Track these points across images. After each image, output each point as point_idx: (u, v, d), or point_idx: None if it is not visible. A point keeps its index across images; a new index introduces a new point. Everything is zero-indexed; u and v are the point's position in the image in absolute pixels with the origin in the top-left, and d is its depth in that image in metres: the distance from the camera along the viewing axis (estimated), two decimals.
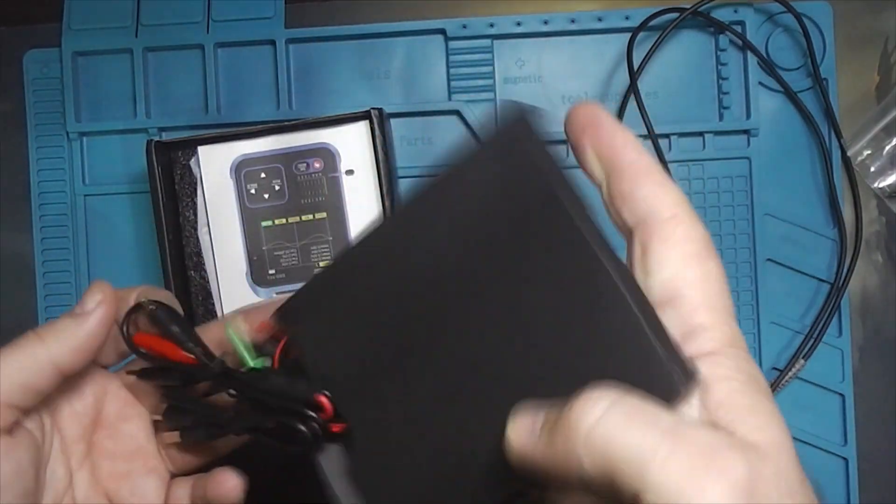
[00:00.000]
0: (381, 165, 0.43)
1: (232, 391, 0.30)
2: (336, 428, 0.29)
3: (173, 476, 0.33)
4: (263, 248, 0.45)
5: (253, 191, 0.44)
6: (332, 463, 0.31)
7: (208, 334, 0.32)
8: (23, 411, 0.29)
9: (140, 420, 0.33)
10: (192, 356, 0.30)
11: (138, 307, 0.31)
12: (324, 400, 0.29)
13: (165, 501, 0.33)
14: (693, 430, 0.23)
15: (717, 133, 0.48)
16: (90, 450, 0.32)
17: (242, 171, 0.45)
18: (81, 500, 0.31)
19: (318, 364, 0.30)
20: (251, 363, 0.30)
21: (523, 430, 0.25)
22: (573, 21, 0.48)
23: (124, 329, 0.31)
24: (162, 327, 0.31)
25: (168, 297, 0.33)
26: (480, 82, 0.49)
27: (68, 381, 0.31)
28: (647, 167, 0.26)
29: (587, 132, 0.27)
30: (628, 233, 0.27)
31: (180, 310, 0.32)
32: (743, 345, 0.25)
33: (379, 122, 0.43)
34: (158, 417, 0.33)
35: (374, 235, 0.30)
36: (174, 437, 0.33)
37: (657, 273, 0.26)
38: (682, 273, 0.26)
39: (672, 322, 0.25)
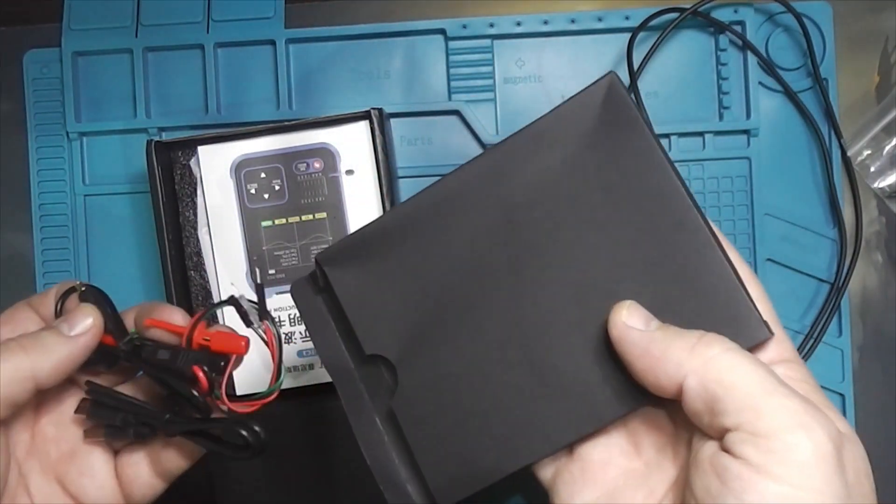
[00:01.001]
0: (381, 165, 0.43)
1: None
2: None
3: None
4: (263, 248, 0.45)
5: (253, 191, 0.44)
6: (362, 423, 0.31)
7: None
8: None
9: (77, 400, 0.33)
10: (110, 336, 0.32)
11: (71, 290, 0.32)
12: (198, 372, 0.30)
13: (116, 473, 0.33)
14: (801, 392, 0.25)
15: (717, 133, 0.48)
16: (34, 438, 0.32)
17: (242, 171, 0.45)
18: (35, 490, 0.31)
19: (358, 309, 0.31)
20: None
21: (638, 317, 0.28)
22: (573, 21, 0.48)
23: (57, 308, 0.32)
24: None
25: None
26: (480, 82, 0.49)
27: None
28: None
29: None
30: None
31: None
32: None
33: (379, 122, 0.43)
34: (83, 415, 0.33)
35: (456, 175, 0.31)
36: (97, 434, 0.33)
37: None
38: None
39: None
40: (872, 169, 0.48)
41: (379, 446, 0.31)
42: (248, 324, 0.32)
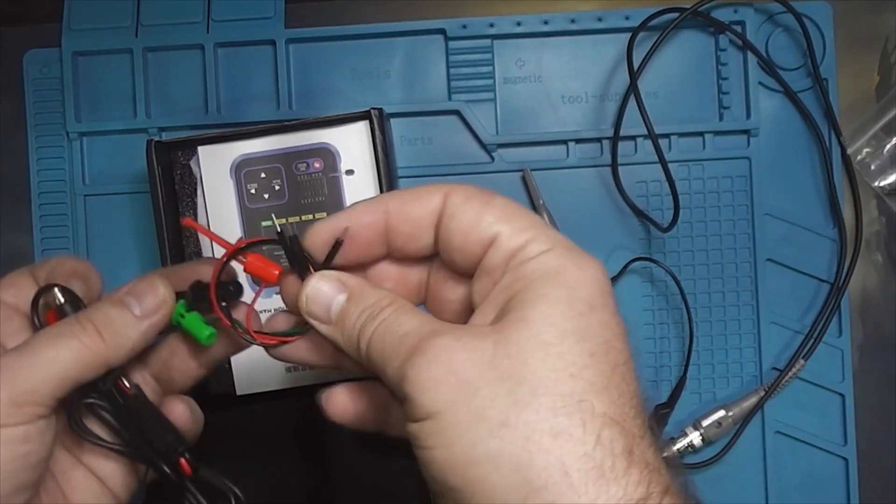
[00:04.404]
0: (381, 165, 0.43)
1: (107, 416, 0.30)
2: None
3: None
4: (263, 248, 0.44)
5: (253, 191, 0.44)
6: None
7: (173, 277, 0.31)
8: (60, 401, 0.28)
9: None
10: None
11: (49, 288, 0.30)
12: (184, 464, 0.29)
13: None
14: None
15: (717, 133, 0.48)
16: None
17: (242, 171, 0.45)
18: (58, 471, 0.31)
19: None
20: (206, 340, 0.30)
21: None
22: (573, 21, 0.48)
23: (36, 317, 0.30)
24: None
25: (84, 272, 0.31)
26: (480, 82, 0.49)
27: None
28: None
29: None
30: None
31: (98, 283, 0.31)
32: None
33: (379, 122, 0.43)
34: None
35: None
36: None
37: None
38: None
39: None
40: (873, 167, 0.48)
41: None
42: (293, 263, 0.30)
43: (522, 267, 0.26)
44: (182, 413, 0.31)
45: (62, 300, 0.30)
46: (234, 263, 0.31)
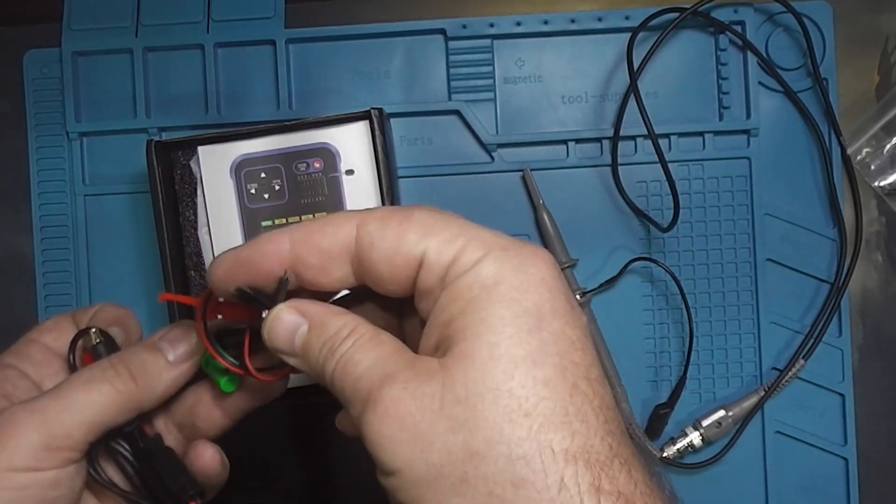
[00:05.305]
0: (381, 165, 0.43)
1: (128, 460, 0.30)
2: None
3: None
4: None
5: (253, 191, 0.44)
6: None
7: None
8: (91, 444, 0.29)
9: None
10: None
11: (86, 331, 0.31)
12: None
13: None
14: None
15: (717, 133, 0.48)
16: None
17: (242, 171, 0.45)
18: None
19: None
20: (224, 386, 0.31)
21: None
22: (573, 21, 0.48)
23: (72, 358, 0.31)
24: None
25: (124, 319, 0.32)
26: (480, 82, 0.49)
27: None
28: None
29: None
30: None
31: (137, 330, 0.33)
32: None
33: (379, 122, 0.43)
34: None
35: None
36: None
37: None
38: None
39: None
40: (872, 167, 0.48)
41: None
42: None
43: (458, 283, 0.24)
44: (210, 457, 0.31)
45: (96, 342, 0.31)
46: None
